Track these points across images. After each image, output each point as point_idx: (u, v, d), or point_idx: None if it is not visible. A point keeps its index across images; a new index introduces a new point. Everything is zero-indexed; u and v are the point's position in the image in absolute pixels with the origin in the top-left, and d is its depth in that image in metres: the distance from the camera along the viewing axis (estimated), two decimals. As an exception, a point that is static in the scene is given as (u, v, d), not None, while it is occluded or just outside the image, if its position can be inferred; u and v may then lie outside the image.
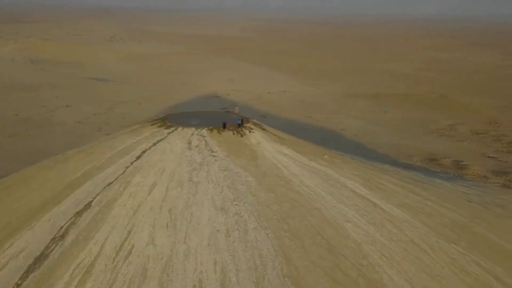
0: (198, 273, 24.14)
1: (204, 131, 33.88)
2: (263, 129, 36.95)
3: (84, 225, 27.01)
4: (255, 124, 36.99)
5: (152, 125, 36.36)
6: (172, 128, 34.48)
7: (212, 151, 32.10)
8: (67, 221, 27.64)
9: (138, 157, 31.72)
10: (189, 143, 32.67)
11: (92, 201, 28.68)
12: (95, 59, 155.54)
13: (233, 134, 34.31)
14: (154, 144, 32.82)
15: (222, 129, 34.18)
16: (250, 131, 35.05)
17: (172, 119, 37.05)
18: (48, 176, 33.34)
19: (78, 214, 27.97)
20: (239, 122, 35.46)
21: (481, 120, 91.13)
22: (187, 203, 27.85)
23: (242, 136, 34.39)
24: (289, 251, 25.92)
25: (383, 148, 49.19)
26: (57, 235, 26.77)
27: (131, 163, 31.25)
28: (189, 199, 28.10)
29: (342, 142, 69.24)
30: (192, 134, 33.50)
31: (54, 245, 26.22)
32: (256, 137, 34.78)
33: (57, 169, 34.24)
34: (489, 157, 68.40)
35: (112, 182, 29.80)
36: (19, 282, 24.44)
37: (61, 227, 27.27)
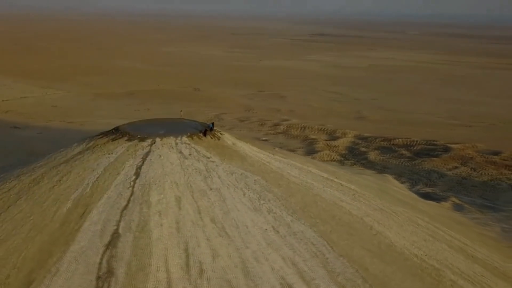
0: (277, 271, 25.04)
1: (185, 139, 33.13)
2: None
3: (129, 255, 24.41)
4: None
5: (114, 140, 33.34)
6: (149, 140, 32.52)
7: (208, 158, 31.94)
8: (101, 255, 24.44)
9: (137, 175, 29.35)
10: (181, 152, 31.66)
11: (117, 228, 25.80)
12: None
13: (211, 138, 34.47)
14: (144, 159, 30.67)
15: (202, 135, 33.93)
16: (221, 134, 35.67)
17: (131, 130, 34.54)
18: (22, 215, 27.86)
19: (110, 245, 24.94)
20: (210, 126, 35.65)
21: (239, 109, 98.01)
22: (223, 210, 27.74)
23: (218, 139, 34.82)
24: (328, 234, 28.77)
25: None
26: (101, 273, 23.58)
27: (134, 182, 28.79)
28: (222, 207, 27.99)
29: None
30: (177, 143, 32.43)
31: (105, 284, 23.13)
32: (229, 139, 35.66)
33: (23, 207, 28.73)
34: (262, 140, 73.47)
35: (127, 205, 27.14)
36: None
37: (99, 263, 24.03)
